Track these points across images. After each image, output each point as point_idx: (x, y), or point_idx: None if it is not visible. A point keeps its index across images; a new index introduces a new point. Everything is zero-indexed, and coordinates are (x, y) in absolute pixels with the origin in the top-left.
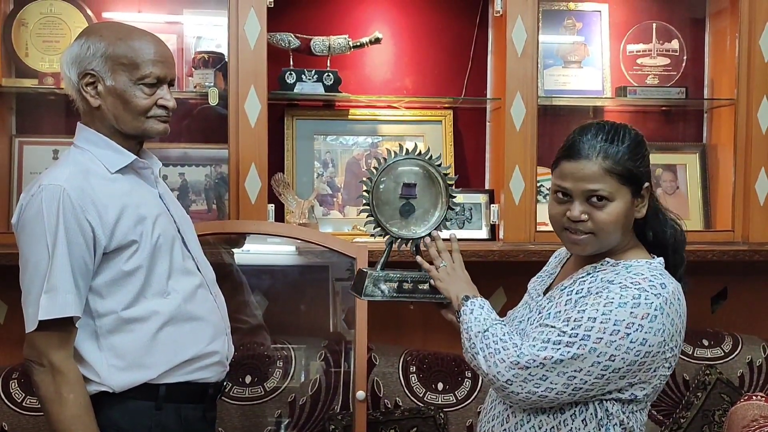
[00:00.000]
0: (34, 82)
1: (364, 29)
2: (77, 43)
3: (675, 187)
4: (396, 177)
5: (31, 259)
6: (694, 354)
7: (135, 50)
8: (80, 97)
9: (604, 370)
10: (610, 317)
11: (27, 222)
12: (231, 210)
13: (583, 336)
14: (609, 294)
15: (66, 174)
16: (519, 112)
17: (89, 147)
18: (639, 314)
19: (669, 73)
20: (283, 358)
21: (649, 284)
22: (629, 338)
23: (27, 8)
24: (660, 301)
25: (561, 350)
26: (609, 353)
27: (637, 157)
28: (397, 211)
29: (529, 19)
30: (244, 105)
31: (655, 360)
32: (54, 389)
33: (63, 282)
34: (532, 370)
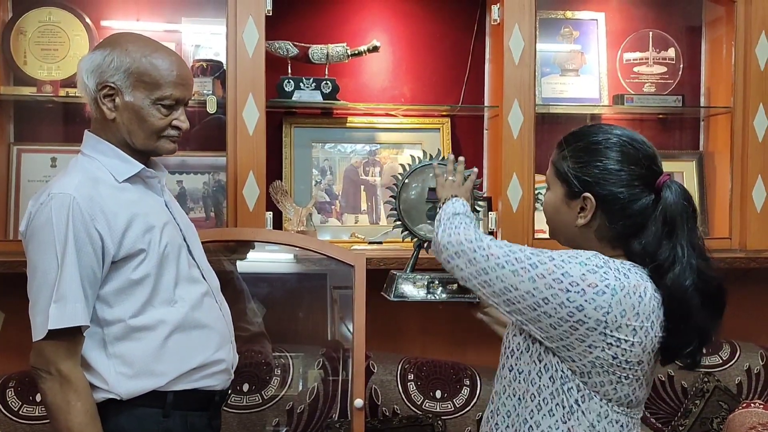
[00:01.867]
0: (32, 90)
1: (362, 37)
2: (100, 53)
3: None
4: (422, 182)
5: (39, 268)
6: None
7: (158, 70)
8: (95, 106)
9: (536, 305)
10: (564, 267)
11: (36, 230)
12: (229, 217)
13: (534, 263)
14: (578, 252)
15: (75, 182)
16: (516, 119)
17: (97, 155)
18: (588, 280)
19: (666, 81)
20: (281, 366)
21: (615, 268)
22: (567, 294)
23: (25, 16)
24: (615, 283)
25: (509, 258)
26: (544, 294)
27: (577, 161)
28: (424, 215)
29: (527, 27)
30: (243, 113)
31: (591, 335)
32: (61, 397)
33: (72, 291)
34: (478, 256)
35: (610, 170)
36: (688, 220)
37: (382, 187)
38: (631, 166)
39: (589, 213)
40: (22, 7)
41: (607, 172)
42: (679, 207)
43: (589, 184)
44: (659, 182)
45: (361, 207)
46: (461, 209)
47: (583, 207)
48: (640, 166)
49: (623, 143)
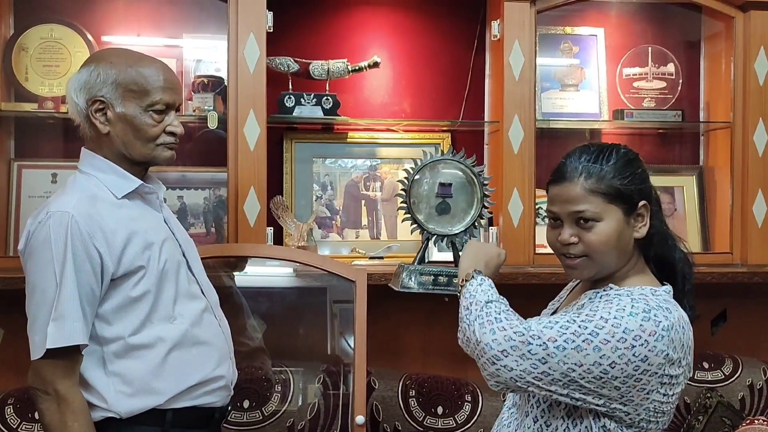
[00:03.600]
0: (33, 107)
1: (363, 53)
2: (86, 70)
3: (673, 209)
4: (433, 177)
5: (38, 287)
6: (695, 377)
7: (144, 77)
8: (88, 123)
9: (603, 373)
10: (621, 323)
11: (34, 249)
12: (230, 233)
13: (592, 332)
14: (620, 301)
15: (74, 200)
16: (517, 134)
17: (95, 172)
18: (647, 329)
19: (665, 96)
20: (281, 381)
21: (657, 305)
22: (633, 350)
23: (27, 33)
24: (667, 323)
25: (567, 336)
26: (611, 359)
27: (625, 175)
28: (433, 209)
29: (527, 43)
30: (244, 128)
31: (651, 381)
32: (59, 418)
33: (70, 310)
34: (534, 347)
35: (645, 173)
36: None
37: (382, 201)
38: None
39: (647, 219)
40: (24, 23)
41: (646, 176)
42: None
43: (641, 192)
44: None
45: (362, 222)
46: (492, 294)
47: (642, 215)
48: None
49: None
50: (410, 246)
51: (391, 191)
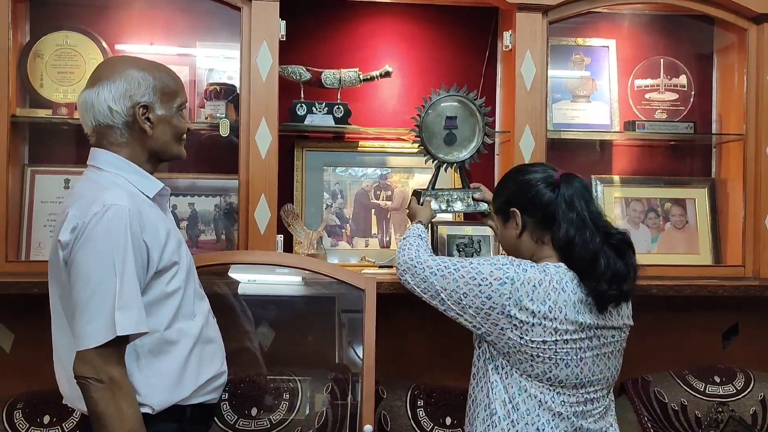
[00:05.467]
0: (48, 113)
1: (375, 63)
2: (122, 80)
3: (684, 221)
4: (440, 112)
5: (93, 276)
6: (706, 390)
7: (172, 80)
8: (128, 128)
9: (459, 300)
10: (478, 267)
11: (90, 239)
12: (240, 240)
13: (457, 268)
14: (495, 256)
15: (125, 195)
16: (528, 145)
17: (118, 172)
18: (495, 275)
19: (677, 108)
20: (289, 390)
21: (517, 264)
22: (480, 288)
23: (43, 40)
24: (514, 275)
25: (440, 267)
26: (464, 290)
27: (500, 193)
28: (442, 140)
29: (538, 53)
30: (255, 136)
31: (500, 319)
32: (114, 405)
33: (134, 299)
34: (418, 270)
35: (519, 183)
36: (584, 197)
37: (392, 210)
38: (533, 175)
39: (518, 219)
40: (39, 30)
41: (517, 186)
42: (576, 190)
43: (511, 201)
44: (556, 177)
45: (372, 231)
46: (415, 232)
47: (514, 219)
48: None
49: (516, 169)
50: None
51: (401, 200)
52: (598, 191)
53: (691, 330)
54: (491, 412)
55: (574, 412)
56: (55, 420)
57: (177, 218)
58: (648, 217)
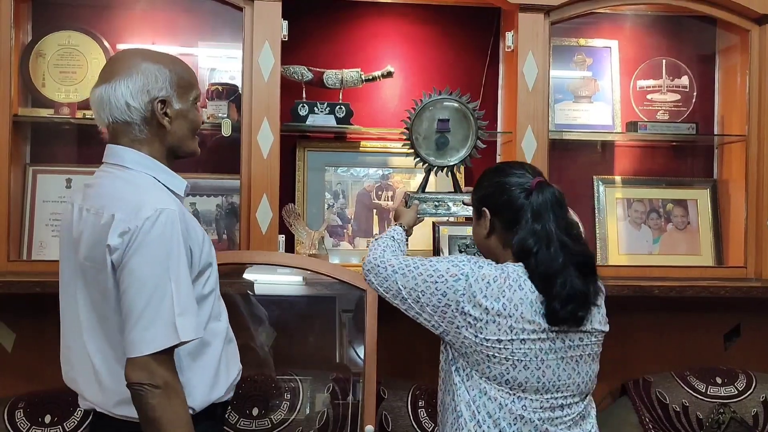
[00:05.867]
0: (49, 112)
1: (377, 63)
2: (139, 75)
3: (686, 222)
4: (432, 114)
5: (149, 282)
6: (708, 392)
7: (187, 72)
8: (146, 123)
9: (418, 298)
10: (435, 265)
11: (145, 244)
12: (242, 240)
13: (416, 266)
14: (453, 256)
15: (169, 198)
16: (530, 145)
17: (145, 170)
18: (450, 272)
19: (679, 108)
20: (290, 390)
21: (474, 262)
22: (436, 285)
23: (45, 39)
24: (469, 273)
25: (401, 266)
26: (421, 287)
27: (476, 189)
28: (433, 143)
29: (540, 54)
30: (257, 136)
31: (456, 316)
32: (171, 409)
33: (191, 304)
34: (380, 269)
35: (493, 184)
36: (554, 209)
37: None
38: (509, 178)
39: (487, 221)
40: (41, 30)
41: (491, 187)
42: (546, 200)
43: (484, 196)
44: (531, 185)
45: (373, 231)
46: (389, 234)
47: (484, 220)
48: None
49: (496, 167)
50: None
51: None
52: (600, 192)
53: (693, 331)
54: (457, 414)
55: (540, 417)
56: (56, 420)
57: None
58: (650, 218)
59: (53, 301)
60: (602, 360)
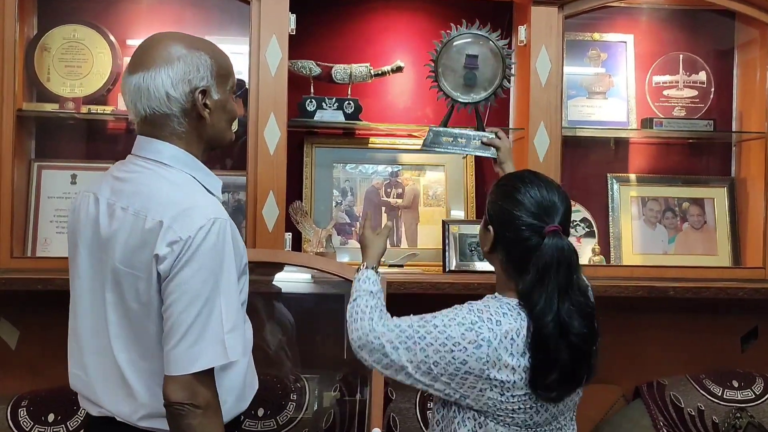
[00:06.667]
0: (54, 107)
1: (386, 58)
2: (179, 62)
3: (702, 221)
4: (459, 49)
5: (200, 296)
6: (724, 396)
7: (226, 60)
8: (186, 115)
9: (429, 370)
10: (446, 331)
11: (198, 256)
12: (248, 238)
13: (422, 336)
14: (458, 312)
15: (218, 205)
16: (543, 142)
17: (185, 168)
18: (468, 338)
19: (696, 105)
20: (297, 390)
21: (488, 318)
22: (452, 354)
23: (50, 33)
24: (490, 335)
25: (402, 339)
26: (434, 359)
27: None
28: (461, 78)
29: (554, 49)
30: (264, 132)
31: (477, 382)
32: (211, 429)
33: (240, 321)
34: (376, 345)
35: (505, 211)
36: (560, 271)
37: (403, 209)
38: (523, 212)
39: (489, 242)
40: (47, 24)
41: (502, 212)
42: (553, 258)
43: (491, 217)
44: (545, 232)
45: None
46: (364, 287)
47: (489, 236)
48: (530, 214)
49: (525, 191)
50: (431, 254)
51: (412, 198)
52: (614, 190)
53: (709, 333)
54: None
55: None
56: (60, 419)
57: None
58: (665, 217)
59: (57, 298)
60: (615, 362)
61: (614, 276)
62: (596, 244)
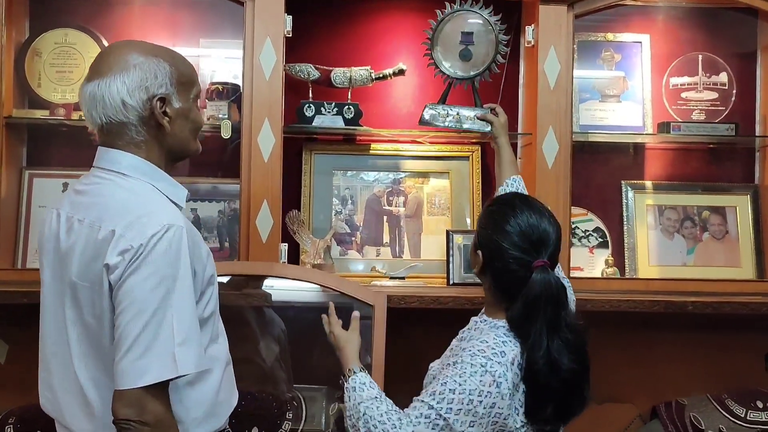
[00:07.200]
0: (45, 114)
1: (387, 60)
2: (136, 69)
3: (724, 231)
4: (454, 27)
5: (149, 306)
6: (747, 417)
7: (188, 68)
8: (144, 124)
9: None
10: (465, 388)
11: (147, 263)
12: (241, 249)
13: (447, 409)
14: (462, 365)
15: (176, 212)
16: (551, 148)
17: (144, 178)
18: (487, 382)
19: (717, 108)
20: (293, 408)
21: (492, 353)
22: (482, 404)
23: (42, 37)
24: (502, 369)
25: (432, 423)
26: (468, 420)
27: (481, 221)
28: (457, 53)
29: (563, 49)
30: (258, 138)
31: (510, 416)
32: None
33: (194, 333)
34: None
35: (494, 241)
36: (548, 308)
37: (406, 218)
38: (511, 245)
39: (478, 265)
40: (39, 27)
41: (491, 242)
42: (542, 294)
43: (481, 244)
44: (533, 267)
45: (384, 239)
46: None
47: (478, 260)
48: (518, 248)
49: (514, 222)
50: (435, 266)
51: (415, 207)
52: (629, 198)
53: (731, 350)
54: None
55: None
56: None
57: None
58: (684, 227)
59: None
60: (631, 380)
61: (629, 289)
62: (610, 255)
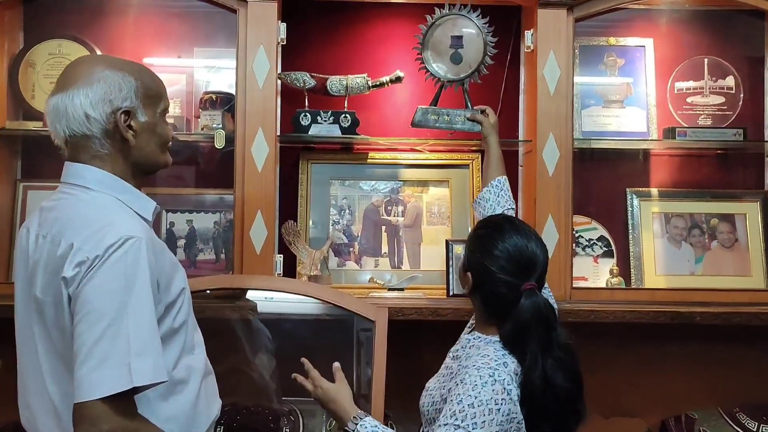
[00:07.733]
0: (38, 125)
1: (385, 68)
2: (99, 83)
3: (733, 239)
4: (444, 31)
5: (104, 315)
6: (759, 431)
7: (155, 82)
8: (108, 137)
9: None
10: (481, 399)
11: (102, 273)
12: (235, 261)
13: (473, 424)
14: (470, 378)
15: (136, 224)
16: (552, 155)
17: (108, 191)
18: (498, 390)
19: (724, 112)
20: (290, 422)
21: (496, 364)
22: (500, 412)
23: (35, 48)
24: (508, 377)
25: None
26: (494, 430)
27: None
28: (448, 57)
29: (563, 54)
30: (251, 147)
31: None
32: None
33: (153, 343)
34: None
35: (482, 265)
36: (538, 329)
37: (405, 228)
38: (499, 269)
39: (467, 286)
40: (33, 39)
41: (479, 266)
42: (532, 317)
43: (470, 266)
44: (522, 289)
45: (382, 250)
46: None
47: (468, 279)
48: (506, 271)
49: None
50: (435, 276)
51: (414, 216)
52: (634, 206)
53: (742, 362)
54: None
55: None
56: None
57: (174, 236)
58: (691, 235)
59: None
60: (639, 393)
61: (635, 300)
62: (614, 264)
